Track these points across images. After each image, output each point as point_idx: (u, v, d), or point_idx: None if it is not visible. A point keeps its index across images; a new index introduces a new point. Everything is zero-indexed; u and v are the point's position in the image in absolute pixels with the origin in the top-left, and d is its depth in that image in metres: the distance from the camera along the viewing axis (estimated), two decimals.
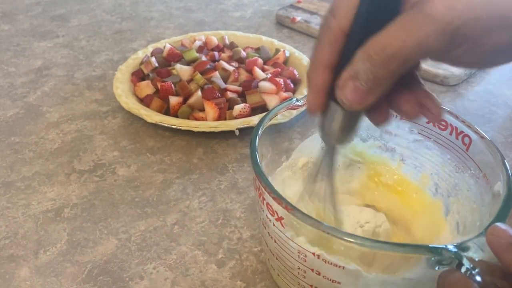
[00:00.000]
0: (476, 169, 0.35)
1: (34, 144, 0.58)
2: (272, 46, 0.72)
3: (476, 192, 0.35)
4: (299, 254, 0.31)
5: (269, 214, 0.32)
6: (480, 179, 0.34)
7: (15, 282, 0.41)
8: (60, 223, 0.47)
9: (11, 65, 0.75)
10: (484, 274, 0.24)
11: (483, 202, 0.34)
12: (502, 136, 0.58)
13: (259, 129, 0.36)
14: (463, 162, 0.36)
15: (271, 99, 0.58)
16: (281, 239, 0.32)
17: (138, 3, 0.97)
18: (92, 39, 0.83)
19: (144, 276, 0.41)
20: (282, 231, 0.31)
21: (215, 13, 0.93)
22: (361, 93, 0.25)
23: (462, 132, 0.36)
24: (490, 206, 0.32)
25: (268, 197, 0.31)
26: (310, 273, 0.32)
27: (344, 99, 0.26)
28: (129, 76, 0.65)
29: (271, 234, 0.33)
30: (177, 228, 0.46)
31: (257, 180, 0.32)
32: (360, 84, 0.25)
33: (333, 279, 0.30)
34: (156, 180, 0.52)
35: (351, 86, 0.25)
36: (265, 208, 0.32)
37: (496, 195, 0.31)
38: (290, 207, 0.29)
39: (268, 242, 0.35)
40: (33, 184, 0.52)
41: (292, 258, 0.32)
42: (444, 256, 0.26)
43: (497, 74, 0.71)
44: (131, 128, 0.60)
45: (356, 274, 0.29)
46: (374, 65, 0.24)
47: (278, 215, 0.31)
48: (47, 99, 0.67)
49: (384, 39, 0.24)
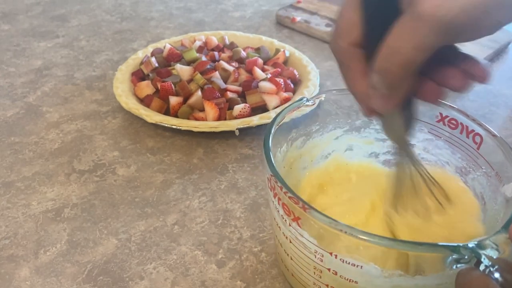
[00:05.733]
0: (488, 167, 0.35)
1: (34, 144, 0.58)
2: (272, 46, 0.72)
3: (488, 190, 0.35)
4: (316, 254, 0.31)
5: (284, 215, 0.32)
6: (492, 177, 0.34)
7: (15, 282, 0.41)
8: (60, 223, 0.47)
9: (11, 65, 0.75)
10: (503, 272, 0.24)
11: (496, 200, 0.33)
12: (502, 136, 0.58)
13: (271, 128, 0.36)
14: (474, 160, 0.36)
15: (271, 99, 0.58)
16: (296, 239, 0.32)
17: (138, 3, 0.97)
18: (92, 39, 0.83)
19: (144, 276, 0.41)
20: (299, 231, 0.31)
21: (215, 13, 0.93)
22: (386, 99, 0.27)
23: (473, 131, 0.36)
24: (503, 204, 0.32)
25: (284, 197, 0.30)
26: (326, 273, 0.31)
27: (374, 106, 0.28)
28: (129, 76, 0.65)
29: (286, 234, 0.33)
30: (177, 228, 0.46)
31: (272, 180, 0.31)
32: (380, 93, 0.27)
33: (350, 278, 0.30)
34: (156, 180, 0.52)
35: (375, 96, 0.28)
36: (281, 208, 0.32)
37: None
38: (307, 206, 0.29)
39: (283, 242, 0.34)
40: (33, 184, 0.52)
41: (309, 258, 0.32)
42: (462, 254, 0.26)
43: (497, 74, 0.71)
44: (131, 128, 0.60)
45: (374, 273, 0.29)
46: (384, 75, 0.26)
47: (295, 215, 0.30)
48: (47, 99, 0.67)
49: (386, 51, 0.25)
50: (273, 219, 0.35)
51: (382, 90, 0.27)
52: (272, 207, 0.34)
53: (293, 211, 0.30)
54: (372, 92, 0.28)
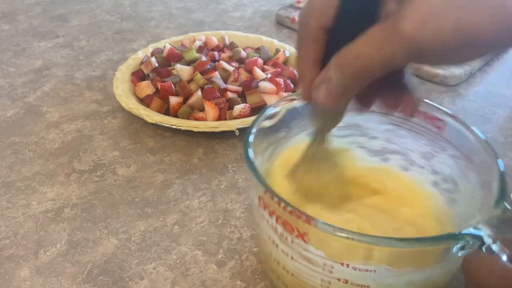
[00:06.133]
0: (454, 149, 0.35)
1: (34, 144, 0.58)
2: (272, 46, 0.72)
3: (457, 171, 0.36)
4: (324, 266, 0.29)
5: (285, 232, 0.30)
6: (460, 158, 0.35)
7: (15, 282, 0.41)
8: (60, 223, 0.47)
9: (11, 65, 0.75)
10: (507, 247, 0.25)
11: (469, 180, 0.34)
12: (502, 136, 0.58)
13: (248, 144, 0.33)
14: (439, 144, 0.37)
15: (271, 99, 0.58)
16: (300, 255, 0.30)
17: (138, 3, 0.97)
18: (92, 39, 0.83)
19: (144, 276, 0.41)
20: (303, 246, 0.29)
21: (215, 13, 0.93)
22: (332, 96, 0.27)
23: (434, 117, 0.36)
24: (478, 182, 0.33)
25: (284, 213, 0.28)
26: (336, 283, 0.30)
27: (317, 99, 0.28)
28: (129, 76, 0.65)
29: (287, 252, 0.31)
30: (177, 228, 0.46)
31: (266, 198, 0.29)
32: (332, 88, 0.27)
33: (363, 284, 0.29)
34: (156, 180, 0.52)
35: (324, 89, 0.27)
36: (280, 226, 0.30)
37: (483, 169, 0.32)
38: (313, 219, 0.27)
39: (281, 260, 0.33)
40: (33, 184, 0.52)
41: (315, 271, 0.30)
42: (466, 241, 0.26)
43: (497, 74, 0.71)
44: (131, 128, 0.60)
45: (386, 274, 0.28)
46: (343, 75, 0.26)
47: (300, 232, 0.28)
48: (47, 99, 0.67)
49: (354, 52, 0.25)
50: (267, 238, 0.33)
51: (335, 88, 0.27)
52: (266, 227, 0.32)
53: (297, 227, 0.28)
54: (322, 86, 0.27)
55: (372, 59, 0.24)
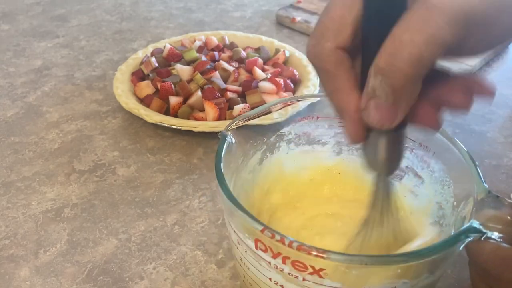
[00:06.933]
0: (409, 141, 0.34)
1: (34, 144, 0.58)
2: (272, 46, 0.72)
3: (417, 161, 0.35)
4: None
5: (295, 271, 0.26)
6: (416, 149, 0.34)
7: (15, 282, 0.41)
8: (60, 223, 0.47)
9: (11, 65, 0.75)
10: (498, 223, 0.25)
11: (432, 168, 0.34)
12: (502, 136, 0.58)
13: (221, 178, 0.29)
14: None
15: (271, 99, 0.58)
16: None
17: (138, 3, 0.97)
18: (92, 39, 0.83)
19: (144, 276, 0.41)
20: (317, 281, 0.26)
21: (215, 13, 0.93)
22: (386, 110, 0.22)
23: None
24: (445, 170, 0.33)
25: (291, 251, 0.24)
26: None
27: (371, 121, 0.23)
28: (129, 76, 0.65)
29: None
30: (177, 228, 0.46)
31: (266, 238, 0.25)
32: (381, 100, 0.22)
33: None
34: (156, 180, 0.52)
35: (373, 105, 0.23)
36: (288, 267, 0.26)
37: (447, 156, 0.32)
38: (326, 254, 0.24)
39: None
40: (33, 184, 0.52)
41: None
42: (471, 235, 0.26)
43: (497, 74, 0.71)
44: (131, 128, 0.60)
45: (405, 286, 0.28)
46: (387, 76, 0.21)
47: (315, 268, 0.25)
48: (47, 99, 0.67)
49: (390, 45, 0.21)
50: (267, 281, 0.29)
51: (384, 98, 0.22)
52: (265, 271, 0.28)
53: (312, 265, 0.25)
54: (369, 104, 0.23)
55: (417, 44, 0.20)
